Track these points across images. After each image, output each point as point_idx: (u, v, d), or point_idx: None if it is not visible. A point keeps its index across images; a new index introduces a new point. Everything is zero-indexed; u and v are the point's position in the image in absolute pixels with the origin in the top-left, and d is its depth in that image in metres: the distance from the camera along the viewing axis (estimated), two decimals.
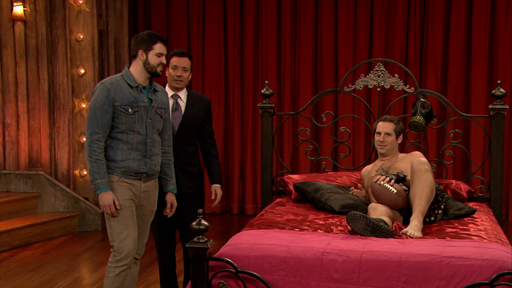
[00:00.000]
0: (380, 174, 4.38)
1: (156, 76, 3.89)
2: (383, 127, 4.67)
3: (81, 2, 6.96)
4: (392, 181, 4.17)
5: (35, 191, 7.06)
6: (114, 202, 3.78)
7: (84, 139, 7.06)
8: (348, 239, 3.72)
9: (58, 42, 7.03)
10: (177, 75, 4.31)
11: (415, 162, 4.20)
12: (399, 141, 4.69)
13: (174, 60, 4.33)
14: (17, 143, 7.09)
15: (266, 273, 3.51)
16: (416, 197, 4.08)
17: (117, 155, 3.80)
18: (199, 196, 4.46)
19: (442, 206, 4.36)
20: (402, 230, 3.92)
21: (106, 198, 3.76)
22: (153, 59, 3.84)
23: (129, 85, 3.82)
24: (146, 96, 3.86)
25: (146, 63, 3.83)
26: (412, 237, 3.83)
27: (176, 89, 4.35)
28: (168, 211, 4.10)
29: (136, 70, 3.86)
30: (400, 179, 4.24)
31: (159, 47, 3.85)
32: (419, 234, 3.88)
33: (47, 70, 7.00)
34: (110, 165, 3.81)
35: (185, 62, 4.33)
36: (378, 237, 3.74)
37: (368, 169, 4.82)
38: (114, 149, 3.81)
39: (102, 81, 3.87)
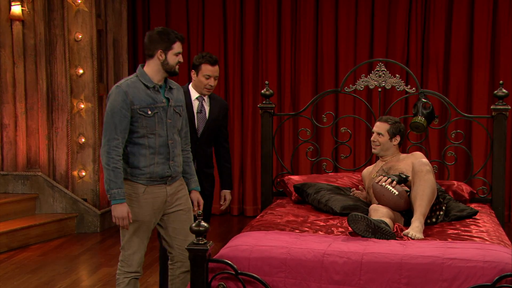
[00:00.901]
0: (381, 175, 4.35)
1: (174, 75, 3.78)
2: (376, 126, 4.68)
3: (79, 1, 6.92)
4: (394, 182, 4.13)
5: (33, 192, 7.02)
6: (128, 215, 3.64)
7: (82, 139, 7.03)
8: (349, 240, 3.70)
9: (57, 42, 6.99)
10: (210, 85, 4.29)
11: (416, 163, 4.17)
12: (395, 142, 4.65)
13: (207, 69, 4.27)
14: (15, 144, 7.06)
15: (266, 275, 3.49)
16: (418, 198, 4.05)
17: (140, 161, 3.67)
18: (211, 197, 4.52)
19: (443, 207, 4.33)
20: (403, 232, 3.89)
21: (121, 210, 3.62)
22: (172, 59, 3.70)
23: (146, 85, 3.69)
24: (163, 95, 3.75)
25: (165, 63, 3.70)
26: (413, 239, 3.80)
27: (203, 94, 4.36)
28: (196, 209, 3.98)
29: (152, 70, 3.72)
30: (402, 180, 4.20)
31: (178, 46, 3.72)
32: (421, 235, 3.85)
33: (46, 70, 6.95)
34: (134, 173, 3.69)
35: (217, 70, 4.30)
36: (379, 238, 3.71)
37: (369, 170, 4.79)
38: (136, 155, 3.68)
39: (117, 83, 3.72)
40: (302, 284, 3.46)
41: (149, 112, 3.66)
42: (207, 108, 4.39)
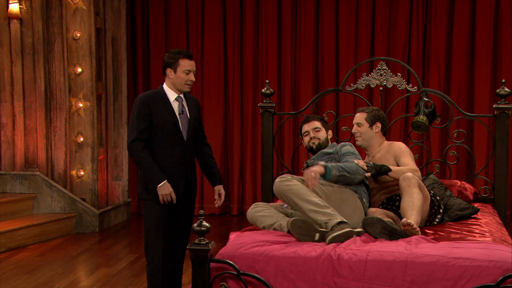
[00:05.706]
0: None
1: None
2: (355, 118, 4.64)
3: None
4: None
5: (31, 192, 6.98)
6: None
7: (80, 139, 6.99)
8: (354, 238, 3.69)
9: (55, 40, 6.95)
10: (191, 80, 4.13)
11: (401, 180, 4.14)
12: (376, 130, 4.57)
13: (186, 64, 4.10)
14: (12, 143, 7.01)
15: (268, 274, 3.46)
16: (408, 209, 4.03)
17: None
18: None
19: (440, 211, 4.34)
20: (402, 221, 3.82)
21: None
22: None
23: None
24: None
25: None
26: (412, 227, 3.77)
27: (180, 91, 4.18)
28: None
29: None
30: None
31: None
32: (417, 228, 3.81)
33: (44, 69, 6.91)
34: None
35: (194, 64, 4.18)
36: (395, 239, 3.70)
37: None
38: None
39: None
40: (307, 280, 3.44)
41: None
42: (187, 108, 4.20)
